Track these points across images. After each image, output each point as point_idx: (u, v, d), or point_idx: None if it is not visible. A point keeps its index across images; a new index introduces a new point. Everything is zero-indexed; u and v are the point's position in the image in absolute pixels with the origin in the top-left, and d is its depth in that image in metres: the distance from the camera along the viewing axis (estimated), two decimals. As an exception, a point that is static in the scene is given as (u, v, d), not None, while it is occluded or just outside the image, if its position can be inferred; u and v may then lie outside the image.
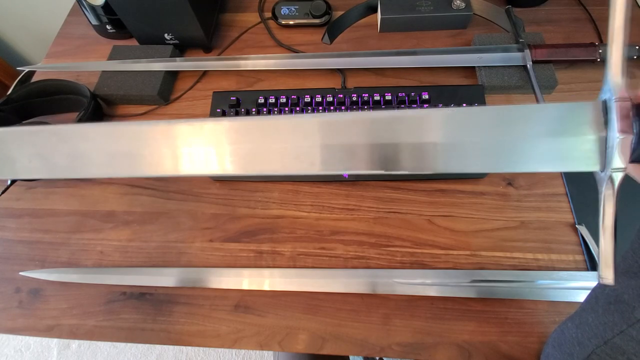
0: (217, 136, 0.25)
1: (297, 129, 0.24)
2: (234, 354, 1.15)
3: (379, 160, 0.24)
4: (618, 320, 0.24)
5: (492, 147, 0.24)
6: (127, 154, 0.25)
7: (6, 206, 0.53)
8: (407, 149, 0.24)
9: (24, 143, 0.26)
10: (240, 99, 0.55)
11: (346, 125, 0.24)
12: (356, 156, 0.24)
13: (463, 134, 0.24)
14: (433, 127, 0.24)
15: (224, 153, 0.25)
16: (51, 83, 0.57)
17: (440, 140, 0.24)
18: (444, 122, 0.24)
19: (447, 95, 0.52)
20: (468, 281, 0.43)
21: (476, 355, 0.40)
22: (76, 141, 0.26)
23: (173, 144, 0.25)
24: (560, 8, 0.63)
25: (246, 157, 0.25)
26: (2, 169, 0.26)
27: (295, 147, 0.24)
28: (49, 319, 0.46)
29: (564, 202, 0.47)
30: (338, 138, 0.24)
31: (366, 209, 0.49)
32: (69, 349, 1.18)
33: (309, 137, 0.24)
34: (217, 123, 0.25)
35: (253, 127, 0.25)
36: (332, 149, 0.24)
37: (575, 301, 0.41)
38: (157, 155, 0.25)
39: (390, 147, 0.24)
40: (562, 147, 0.23)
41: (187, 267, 0.47)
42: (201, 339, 0.43)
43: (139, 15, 0.58)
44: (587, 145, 0.23)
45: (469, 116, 0.24)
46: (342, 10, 0.62)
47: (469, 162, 0.24)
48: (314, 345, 0.42)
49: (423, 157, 0.24)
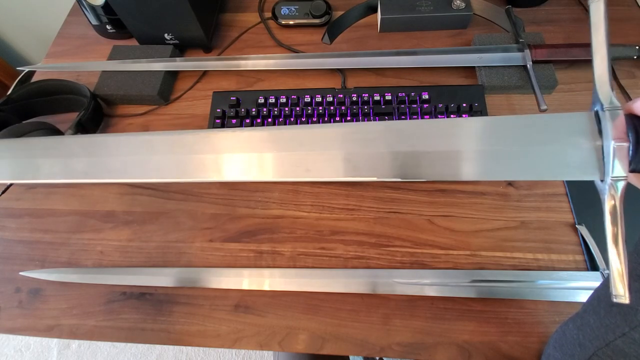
0: (250, 144, 0.27)
1: (321, 138, 0.27)
2: (234, 354, 1.15)
3: (400, 167, 0.25)
4: (620, 323, 0.24)
5: (491, 156, 0.25)
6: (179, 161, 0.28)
7: (6, 206, 0.53)
8: (426, 157, 0.25)
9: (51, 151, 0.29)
10: (240, 99, 0.55)
11: (370, 135, 0.26)
12: (380, 164, 0.26)
13: (460, 144, 0.25)
14: (434, 139, 0.25)
15: (261, 160, 0.27)
16: (51, 83, 0.57)
17: (439, 149, 0.25)
18: (444, 134, 0.25)
19: (447, 95, 0.52)
20: (468, 281, 0.43)
21: (476, 355, 0.40)
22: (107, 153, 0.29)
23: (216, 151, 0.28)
24: (560, 8, 0.63)
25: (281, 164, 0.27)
26: (27, 173, 0.29)
27: (314, 157, 0.26)
28: (49, 319, 0.46)
29: (564, 202, 0.47)
30: (362, 147, 0.26)
31: (366, 209, 0.49)
32: (69, 349, 1.18)
33: (331, 146, 0.26)
34: (232, 133, 0.28)
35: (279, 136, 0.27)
36: (356, 157, 0.26)
37: (576, 301, 0.41)
38: (199, 163, 0.28)
39: (411, 155, 0.25)
40: (559, 156, 0.24)
41: (187, 267, 0.47)
42: (201, 339, 0.43)
43: (139, 15, 0.58)
44: (583, 153, 0.23)
45: (465, 127, 0.26)
46: (342, 10, 0.62)
47: (467, 170, 0.25)
48: (314, 345, 0.42)
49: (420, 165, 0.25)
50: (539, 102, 0.49)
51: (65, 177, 0.28)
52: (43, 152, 0.29)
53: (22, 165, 0.29)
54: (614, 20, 0.60)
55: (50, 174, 0.28)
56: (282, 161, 0.27)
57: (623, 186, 0.22)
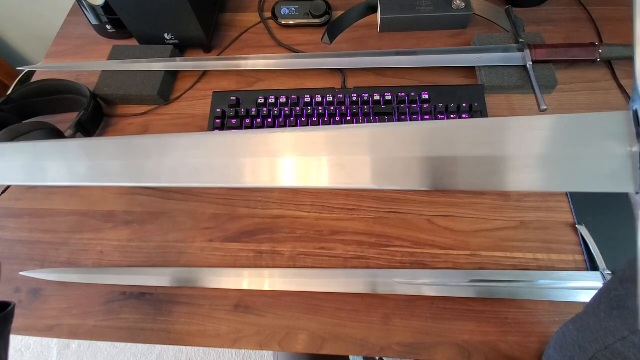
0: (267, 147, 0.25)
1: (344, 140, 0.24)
2: (234, 354, 1.15)
3: (433, 175, 0.23)
4: (620, 326, 0.24)
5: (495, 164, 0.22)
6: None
7: (6, 206, 0.53)
8: (463, 163, 0.23)
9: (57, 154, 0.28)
10: (240, 99, 0.55)
11: (399, 137, 0.24)
12: (409, 171, 0.23)
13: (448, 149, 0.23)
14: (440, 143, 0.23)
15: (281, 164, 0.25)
16: (51, 83, 0.57)
17: (442, 155, 0.23)
18: (454, 138, 0.23)
19: (447, 95, 0.52)
20: (468, 281, 0.43)
21: (476, 355, 0.40)
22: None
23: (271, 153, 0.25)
24: (560, 8, 0.63)
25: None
26: (36, 176, 0.28)
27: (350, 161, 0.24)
28: (49, 319, 0.46)
29: (564, 202, 0.47)
30: (390, 152, 0.23)
31: (366, 209, 0.49)
32: (69, 349, 1.18)
33: (359, 151, 0.24)
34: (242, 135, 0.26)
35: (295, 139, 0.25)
36: (384, 164, 0.23)
37: (576, 301, 0.41)
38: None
39: (446, 161, 0.23)
40: (586, 163, 0.21)
41: (187, 267, 0.47)
42: (201, 339, 0.43)
43: (139, 15, 0.58)
44: (616, 161, 0.20)
45: (460, 131, 0.23)
46: (342, 10, 0.62)
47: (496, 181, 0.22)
48: (314, 345, 0.42)
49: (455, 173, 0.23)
50: (539, 102, 0.49)
51: (71, 180, 0.28)
52: (50, 155, 0.28)
53: (29, 168, 0.29)
54: (614, 20, 0.60)
55: (57, 177, 0.28)
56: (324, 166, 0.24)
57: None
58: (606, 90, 0.54)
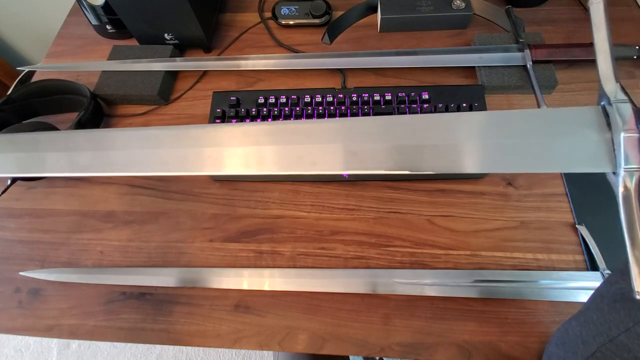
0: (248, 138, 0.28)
1: (324, 132, 0.27)
2: (234, 354, 1.15)
3: (404, 161, 0.26)
4: (624, 318, 0.24)
5: (499, 149, 0.25)
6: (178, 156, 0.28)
7: (6, 206, 0.53)
8: (431, 150, 0.26)
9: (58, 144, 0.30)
10: (240, 99, 0.55)
11: (371, 130, 0.27)
12: (384, 158, 0.26)
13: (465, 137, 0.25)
14: (444, 131, 0.26)
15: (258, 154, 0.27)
16: (51, 83, 0.57)
17: (444, 142, 0.25)
18: (449, 128, 0.26)
19: (447, 95, 0.52)
20: (468, 281, 0.43)
21: (476, 355, 0.40)
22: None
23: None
24: (560, 8, 0.63)
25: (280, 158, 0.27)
26: (35, 166, 0.29)
27: (318, 150, 0.27)
28: (49, 319, 0.46)
29: (564, 202, 0.47)
30: (365, 142, 0.26)
31: (366, 209, 0.49)
32: (69, 349, 1.18)
33: (335, 140, 0.27)
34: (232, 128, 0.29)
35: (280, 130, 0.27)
36: (360, 151, 0.26)
37: (576, 301, 0.41)
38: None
39: (415, 149, 0.26)
40: (569, 148, 0.24)
41: (187, 267, 0.47)
42: (201, 339, 0.43)
43: (139, 15, 0.58)
44: (593, 145, 0.24)
45: (471, 120, 0.26)
46: (342, 10, 0.62)
47: (472, 162, 0.25)
48: (314, 345, 0.42)
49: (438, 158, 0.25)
50: (539, 102, 0.49)
51: (70, 170, 0.29)
52: (48, 146, 0.30)
53: (27, 159, 0.30)
54: (614, 20, 0.60)
55: (56, 167, 0.29)
56: (285, 154, 0.27)
57: (637, 177, 0.22)
58: (606, 90, 0.54)
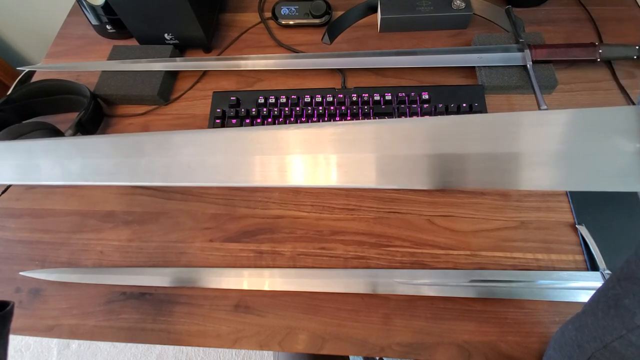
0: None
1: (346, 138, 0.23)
2: (234, 354, 1.15)
3: (440, 174, 0.22)
4: (617, 325, 0.24)
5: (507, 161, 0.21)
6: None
7: (6, 206, 0.53)
8: (476, 161, 0.21)
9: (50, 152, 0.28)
10: (240, 99, 0.55)
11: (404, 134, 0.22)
12: (415, 170, 0.22)
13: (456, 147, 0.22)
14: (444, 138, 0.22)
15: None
16: (51, 83, 0.57)
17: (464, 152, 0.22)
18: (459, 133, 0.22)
19: (447, 95, 0.52)
20: (468, 281, 0.43)
21: (476, 355, 0.40)
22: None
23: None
24: (560, 8, 0.63)
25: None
26: (30, 175, 0.28)
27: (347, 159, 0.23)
28: (49, 319, 0.46)
29: (564, 202, 0.47)
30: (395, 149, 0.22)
31: (366, 209, 0.49)
32: (69, 349, 1.18)
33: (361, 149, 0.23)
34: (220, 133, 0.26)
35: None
36: (389, 162, 0.22)
37: (576, 301, 0.41)
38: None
39: (455, 159, 0.22)
40: (592, 161, 0.19)
41: (187, 267, 0.47)
42: (201, 339, 0.43)
43: (139, 15, 0.58)
44: (625, 159, 0.19)
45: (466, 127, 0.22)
46: (342, 10, 0.62)
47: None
48: (314, 345, 0.42)
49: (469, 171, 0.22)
50: (539, 102, 0.49)
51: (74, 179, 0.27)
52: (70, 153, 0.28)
53: (25, 167, 0.28)
54: (614, 20, 0.60)
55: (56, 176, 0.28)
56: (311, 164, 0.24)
57: None
58: (606, 90, 0.54)
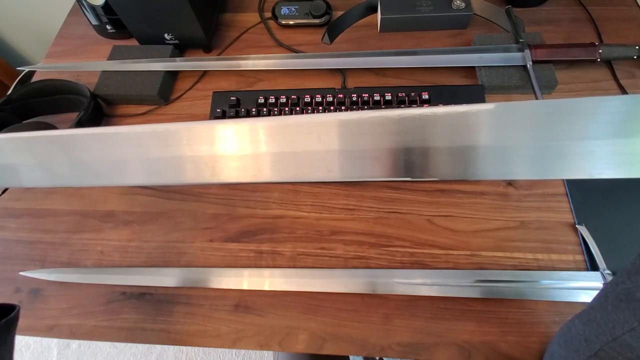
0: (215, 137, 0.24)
1: (311, 130, 0.22)
2: (234, 354, 1.15)
3: (404, 166, 0.21)
4: (629, 318, 0.24)
5: (541, 150, 0.20)
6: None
7: (6, 206, 0.53)
8: (439, 153, 0.21)
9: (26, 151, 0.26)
10: (240, 99, 0.55)
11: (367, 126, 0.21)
12: (378, 162, 0.21)
13: (505, 134, 0.20)
14: (470, 128, 0.21)
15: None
16: (51, 83, 0.57)
17: (478, 143, 0.21)
18: (482, 121, 0.21)
19: (447, 95, 0.52)
20: (468, 281, 0.43)
21: (476, 355, 0.40)
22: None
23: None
24: (560, 8, 0.63)
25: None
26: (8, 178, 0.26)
27: (310, 153, 0.22)
28: (49, 319, 0.46)
29: (564, 202, 0.47)
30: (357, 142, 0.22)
31: (366, 209, 0.49)
32: (69, 349, 1.18)
33: (324, 141, 0.22)
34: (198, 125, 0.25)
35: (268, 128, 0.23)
36: (351, 155, 0.22)
37: (576, 301, 0.41)
38: None
39: (419, 152, 0.21)
40: (628, 149, 0.19)
41: (187, 267, 0.47)
42: (201, 339, 0.43)
43: (139, 15, 0.58)
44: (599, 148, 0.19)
45: (509, 113, 0.20)
46: (342, 10, 0.62)
47: (513, 167, 0.21)
48: (314, 345, 0.42)
49: (458, 162, 0.21)
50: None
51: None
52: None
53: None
54: (614, 20, 0.60)
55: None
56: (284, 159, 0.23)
57: None
58: (606, 91, 0.54)
